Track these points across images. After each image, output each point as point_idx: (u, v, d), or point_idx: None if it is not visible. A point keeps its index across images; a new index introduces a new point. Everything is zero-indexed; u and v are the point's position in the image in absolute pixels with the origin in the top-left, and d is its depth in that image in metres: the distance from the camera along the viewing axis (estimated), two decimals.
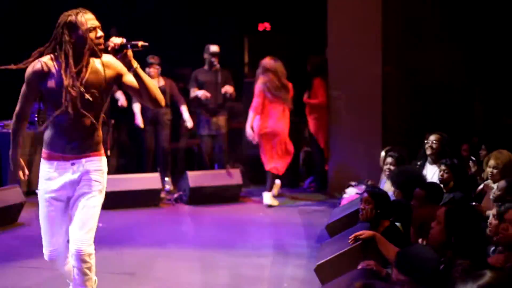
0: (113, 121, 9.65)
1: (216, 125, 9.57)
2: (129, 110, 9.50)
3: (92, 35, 3.90)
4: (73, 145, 4.03)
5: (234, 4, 12.48)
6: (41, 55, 3.99)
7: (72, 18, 3.90)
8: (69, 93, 3.88)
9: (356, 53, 9.49)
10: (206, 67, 9.60)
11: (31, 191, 9.43)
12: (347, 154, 9.61)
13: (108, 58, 4.04)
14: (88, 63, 3.96)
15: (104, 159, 4.21)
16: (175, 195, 9.16)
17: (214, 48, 9.56)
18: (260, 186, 9.77)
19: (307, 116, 9.97)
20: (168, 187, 9.64)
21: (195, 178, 8.98)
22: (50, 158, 4.08)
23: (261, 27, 13.62)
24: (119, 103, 9.27)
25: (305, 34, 12.07)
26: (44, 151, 4.12)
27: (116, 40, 3.91)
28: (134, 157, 10.55)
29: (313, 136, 9.99)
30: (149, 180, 8.85)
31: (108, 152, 9.35)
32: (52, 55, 3.95)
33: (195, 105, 9.72)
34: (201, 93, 9.38)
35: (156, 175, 8.99)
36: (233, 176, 9.23)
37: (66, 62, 3.89)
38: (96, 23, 3.94)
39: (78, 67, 3.89)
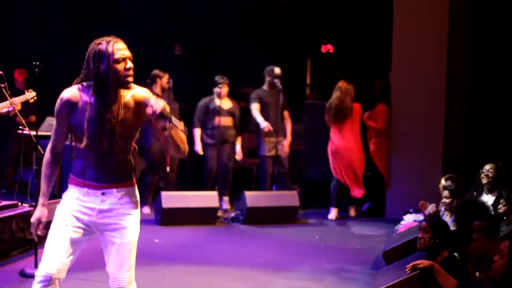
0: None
1: (276, 146, 9.59)
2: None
3: (120, 66, 3.68)
4: (103, 175, 3.80)
5: (297, 25, 12.50)
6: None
7: (102, 47, 3.69)
8: (95, 126, 3.70)
9: (419, 80, 9.41)
10: (265, 87, 9.66)
11: None
12: (407, 180, 9.51)
13: (140, 91, 3.82)
14: (117, 95, 3.75)
15: (136, 189, 3.97)
16: (232, 214, 9.18)
17: (277, 70, 9.62)
18: (317, 209, 9.75)
19: (367, 140, 9.90)
20: (225, 206, 9.66)
21: (253, 198, 8.98)
22: (79, 184, 3.83)
23: (324, 48, 13.60)
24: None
25: (368, 56, 12.01)
26: (73, 178, 3.87)
27: (157, 105, 3.60)
28: (195, 174, 10.63)
29: (372, 160, 9.91)
30: (207, 198, 8.88)
31: (168, 168, 9.45)
32: (79, 85, 3.75)
33: (256, 125, 9.75)
34: (265, 125, 9.42)
35: (214, 193, 9.02)
36: (291, 198, 9.19)
37: (93, 93, 3.70)
38: (126, 53, 3.72)
39: (105, 100, 3.69)
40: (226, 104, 9.71)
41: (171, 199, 8.70)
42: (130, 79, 3.73)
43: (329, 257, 7.47)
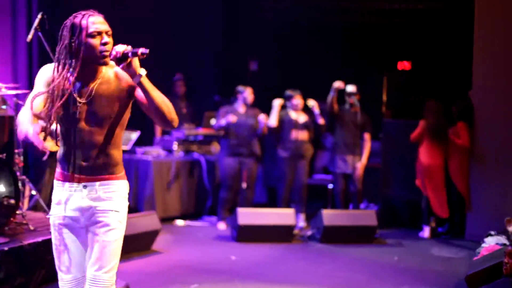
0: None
1: (352, 164, 9.48)
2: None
3: (95, 41, 3.44)
4: (84, 164, 3.53)
5: (374, 42, 12.38)
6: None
7: (76, 20, 3.47)
8: (58, 98, 3.45)
9: (503, 98, 9.17)
10: (346, 106, 9.61)
11: (167, 217, 9.63)
12: (489, 201, 9.23)
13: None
14: (95, 72, 3.54)
15: (123, 183, 3.70)
16: (308, 233, 9.07)
17: (350, 88, 9.55)
18: (395, 228, 9.58)
19: (447, 159, 9.68)
20: (301, 223, 9.55)
21: (329, 216, 8.84)
22: (60, 178, 3.59)
23: (400, 65, 13.42)
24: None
25: (447, 74, 11.79)
26: (57, 170, 3.63)
27: (118, 48, 3.45)
28: (270, 190, 10.59)
29: (452, 179, 9.68)
30: (283, 216, 8.79)
31: (244, 185, 9.40)
32: (56, 63, 3.52)
33: (330, 141, 9.69)
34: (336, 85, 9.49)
35: (291, 211, 8.92)
36: (368, 217, 9.04)
37: (64, 68, 3.48)
38: (102, 27, 3.48)
39: (76, 73, 3.46)
40: (301, 117, 9.66)
41: (248, 216, 8.65)
42: (106, 53, 3.47)
43: (408, 279, 7.28)
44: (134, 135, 9.85)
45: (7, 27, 10.22)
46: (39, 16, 7.20)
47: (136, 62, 3.46)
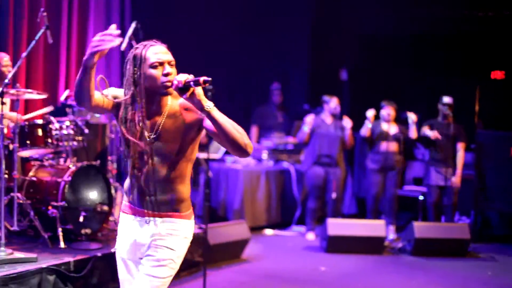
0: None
1: (446, 177, 9.29)
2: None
3: (156, 72, 3.31)
4: (149, 199, 3.39)
5: (466, 51, 12.13)
6: None
7: (137, 51, 3.35)
8: (130, 141, 3.37)
9: None
10: (439, 118, 9.43)
11: (256, 226, 9.64)
12: None
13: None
14: (160, 105, 3.39)
15: (187, 223, 3.48)
16: (399, 245, 8.91)
17: (446, 99, 9.39)
18: (488, 242, 9.34)
19: None
20: (391, 235, 9.40)
21: (421, 228, 8.66)
22: (126, 210, 3.51)
23: (493, 75, 13.09)
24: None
25: None
26: (123, 202, 3.56)
27: (180, 77, 3.25)
28: (360, 201, 10.50)
29: None
30: (373, 227, 8.68)
31: (333, 195, 9.33)
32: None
33: (423, 153, 9.52)
34: (431, 134, 9.31)
35: (381, 222, 8.79)
36: (461, 230, 8.82)
37: (130, 101, 3.36)
38: (164, 57, 3.35)
39: (141, 110, 3.33)
40: (392, 128, 9.53)
41: (337, 226, 8.57)
42: (168, 84, 3.31)
43: None
44: None
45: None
46: (133, 25, 7.34)
47: (199, 91, 3.24)
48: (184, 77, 3.24)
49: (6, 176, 6.09)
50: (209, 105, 3.24)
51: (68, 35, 9.89)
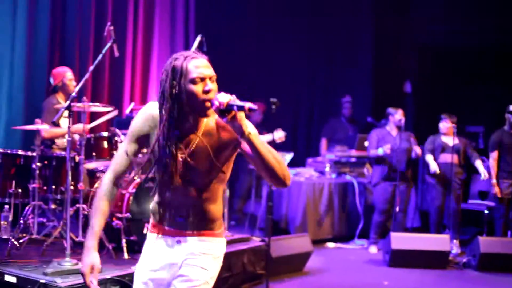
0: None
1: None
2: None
3: (196, 87, 2.99)
4: (179, 219, 3.20)
5: None
6: None
7: (177, 63, 3.03)
8: (163, 157, 3.12)
9: None
10: (506, 127, 9.26)
11: (318, 239, 9.61)
12: None
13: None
14: (196, 122, 3.11)
15: (219, 242, 3.29)
16: (464, 259, 8.76)
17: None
18: None
19: None
20: (455, 250, 9.25)
21: (487, 243, 8.50)
22: (154, 230, 3.29)
23: None
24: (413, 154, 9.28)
25: None
26: (150, 221, 3.34)
27: (222, 98, 2.92)
28: (424, 214, 10.37)
29: None
30: (437, 241, 8.55)
31: (397, 209, 9.23)
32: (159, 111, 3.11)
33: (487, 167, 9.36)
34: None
35: (446, 236, 8.66)
36: None
37: (165, 117, 3.04)
38: (206, 72, 3.02)
39: (176, 126, 3.07)
40: (452, 141, 9.36)
41: (401, 240, 8.47)
42: (208, 104, 3.00)
43: None
44: (288, 156, 9.93)
45: (166, 49, 10.61)
46: (198, 38, 7.41)
47: (242, 116, 2.93)
48: (227, 98, 2.93)
49: (72, 187, 6.21)
50: (250, 131, 2.96)
51: (133, 48, 10.08)
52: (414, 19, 12.32)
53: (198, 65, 3.01)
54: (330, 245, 9.83)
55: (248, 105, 2.90)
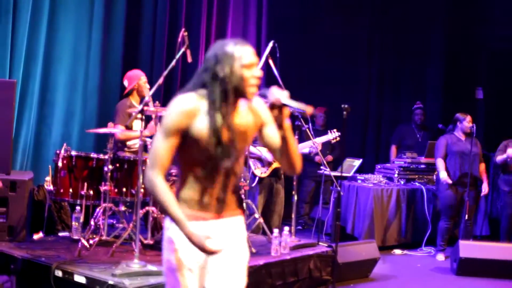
0: None
1: None
2: None
3: (247, 72, 3.16)
4: (221, 202, 3.28)
5: None
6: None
7: (228, 48, 3.17)
8: (221, 137, 3.17)
9: None
10: None
11: (385, 246, 9.56)
12: None
13: (255, 102, 3.34)
14: (235, 106, 3.25)
15: (242, 218, 3.47)
16: None
17: None
18: None
19: None
20: None
21: None
22: (194, 218, 3.20)
23: None
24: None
25: None
26: (186, 211, 3.19)
27: (279, 94, 3.20)
28: (493, 222, 10.24)
29: None
30: (508, 250, 8.35)
31: (466, 216, 9.13)
32: (194, 93, 3.22)
33: None
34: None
35: None
36: None
37: (215, 100, 3.16)
38: (255, 60, 3.20)
39: (223, 110, 3.16)
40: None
41: (470, 248, 8.37)
42: (254, 88, 3.21)
43: None
44: (357, 162, 9.93)
45: None
46: (270, 44, 7.48)
47: (287, 112, 3.23)
48: (282, 95, 3.20)
49: (142, 190, 6.35)
50: (288, 126, 3.28)
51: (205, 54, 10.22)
52: (486, 24, 12.15)
53: (250, 52, 3.18)
54: (397, 252, 9.77)
55: (309, 109, 3.21)
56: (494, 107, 12.15)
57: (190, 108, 3.16)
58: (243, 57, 3.15)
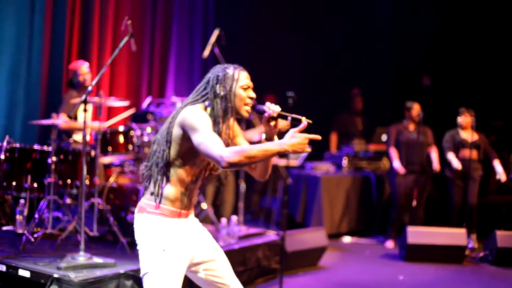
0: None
1: None
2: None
3: (243, 93, 3.60)
4: (192, 201, 3.69)
5: None
6: None
7: (229, 71, 3.61)
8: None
9: None
10: None
11: (334, 234, 9.61)
12: None
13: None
14: (229, 124, 3.61)
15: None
16: (480, 254, 8.72)
17: None
18: None
19: None
20: (472, 244, 9.20)
21: (504, 238, 8.47)
22: (171, 215, 3.58)
23: None
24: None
25: None
26: (165, 207, 3.58)
27: (274, 107, 3.57)
28: (440, 210, 10.32)
29: None
30: (454, 236, 8.51)
31: (414, 203, 9.22)
32: (202, 105, 3.60)
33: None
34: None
35: (463, 231, 8.60)
36: None
37: (218, 116, 3.55)
38: (250, 83, 3.64)
39: (227, 123, 3.57)
40: (471, 136, 9.29)
41: (417, 234, 8.45)
42: (249, 108, 3.63)
43: None
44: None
45: (185, 42, 10.64)
46: (216, 32, 7.41)
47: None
48: (277, 108, 3.58)
49: (87, 182, 6.25)
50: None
51: (151, 43, 10.11)
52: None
53: (246, 76, 3.65)
54: (346, 239, 9.82)
55: (305, 118, 3.49)
56: (442, 95, 12.22)
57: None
58: (240, 80, 3.61)
